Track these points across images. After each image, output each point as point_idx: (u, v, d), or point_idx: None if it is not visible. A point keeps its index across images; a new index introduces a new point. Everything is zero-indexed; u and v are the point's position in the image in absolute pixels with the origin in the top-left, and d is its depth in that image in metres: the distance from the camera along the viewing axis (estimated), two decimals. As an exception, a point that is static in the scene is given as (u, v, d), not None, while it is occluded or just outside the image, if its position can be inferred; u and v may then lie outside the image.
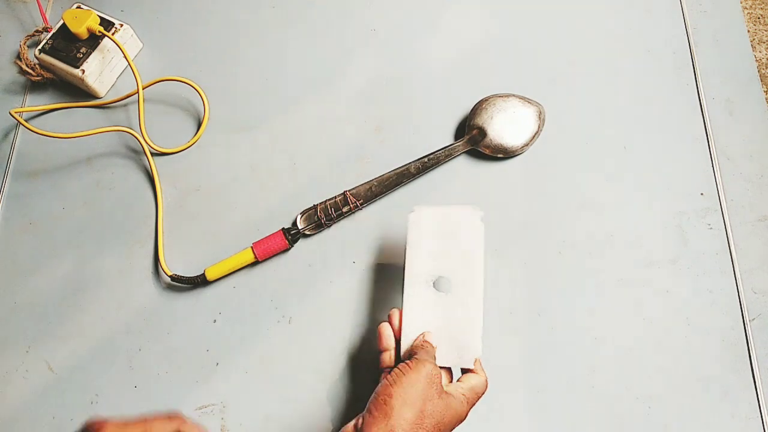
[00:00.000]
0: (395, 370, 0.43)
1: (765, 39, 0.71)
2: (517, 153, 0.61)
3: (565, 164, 0.61)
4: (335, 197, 0.58)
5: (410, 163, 0.59)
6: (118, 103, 0.65)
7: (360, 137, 0.63)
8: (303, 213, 0.58)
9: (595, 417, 0.53)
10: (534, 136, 0.61)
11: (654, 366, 0.54)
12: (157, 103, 0.66)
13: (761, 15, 0.73)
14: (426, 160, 0.59)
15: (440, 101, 0.64)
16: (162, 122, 0.64)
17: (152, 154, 0.63)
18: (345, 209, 0.57)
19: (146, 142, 0.62)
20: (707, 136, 0.62)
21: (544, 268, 0.57)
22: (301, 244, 0.59)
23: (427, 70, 0.66)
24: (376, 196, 0.59)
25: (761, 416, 0.52)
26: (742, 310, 0.55)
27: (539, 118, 0.61)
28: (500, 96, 0.62)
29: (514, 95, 0.62)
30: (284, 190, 0.61)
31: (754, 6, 0.73)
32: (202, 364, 0.56)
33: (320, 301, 0.57)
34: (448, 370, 0.46)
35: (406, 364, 0.43)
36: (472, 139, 0.60)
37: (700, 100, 0.63)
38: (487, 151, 0.60)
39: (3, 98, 0.67)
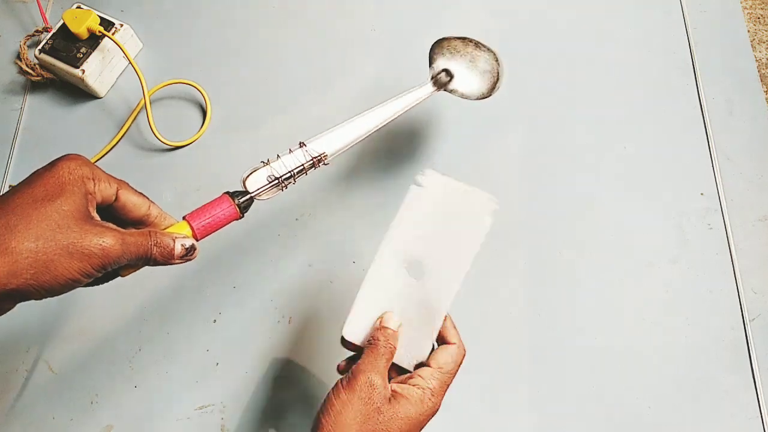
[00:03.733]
0: (328, 393, 0.38)
1: (765, 39, 0.71)
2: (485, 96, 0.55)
3: (565, 164, 0.61)
4: (291, 150, 0.47)
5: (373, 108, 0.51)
6: (122, 106, 0.66)
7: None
8: (251, 173, 0.45)
9: (596, 417, 0.53)
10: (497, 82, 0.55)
11: (654, 366, 0.54)
12: (157, 102, 0.66)
13: (761, 15, 0.73)
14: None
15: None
16: (162, 122, 0.64)
17: (156, 150, 0.63)
18: (307, 164, 0.45)
19: (158, 137, 0.62)
20: (707, 136, 0.62)
21: (544, 268, 0.57)
22: (302, 238, 0.59)
23: (427, 70, 0.66)
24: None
25: (761, 416, 0.52)
26: (742, 310, 0.55)
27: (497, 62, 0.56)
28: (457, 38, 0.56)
29: (470, 39, 0.57)
30: (284, 191, 0.61)
31: (754, 6, 0.73)
32: (202, 364, 0.56)
33: (320, 301, 0.57)
34: (392, 350, 0.41)
35: (339, 383, 0.38)
36: (437, 81, 0.54)
37: (700, 100, 0.63)
38: (456, 94, 0.55)
39: (3, 98, 0.67)
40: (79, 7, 0.63)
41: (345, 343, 0.42)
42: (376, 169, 0.62)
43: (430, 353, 0.41)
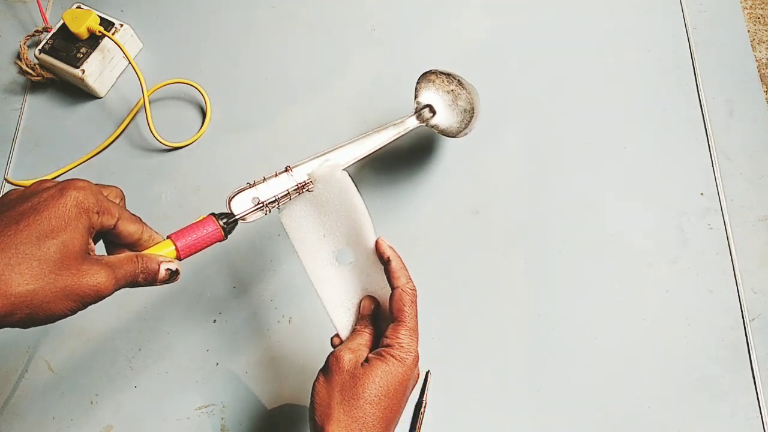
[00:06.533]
0: (313, 384, 0.42)
1: (765, 39, 0.71)
2: (459, 135, 0.57)
3: (565, 164, 0.61)
4: (276, 173, 0.47)
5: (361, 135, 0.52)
6: (122, 105, 0.66)
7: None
8: (236, 193, 0.45)
9: (595, 417, 0.53)
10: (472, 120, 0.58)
11: (654, 366, 0.54)
12: (157, 102, 0.66)
13: (761, 15, 0.73)
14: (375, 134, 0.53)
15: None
16: (162, 122, 0.64)
17: (155, 150, 0.63)
18: (291, 190, 0.46)
19: (157, 137, 0.62)
20: (707, 136, 0.62)
21: (544, 268, 0.57)
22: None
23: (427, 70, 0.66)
24: None
25: (761, 416, 0.52)
26: (742, 310, 0.55)
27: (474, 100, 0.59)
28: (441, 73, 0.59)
29: (453, 74, 0.59)
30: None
31: (754, 6, 0.73)
32: (202, 364, 0.56)
33: (320, 301, 0.57)
34: (371, 331, 0.44)
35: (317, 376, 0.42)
36: (420, 115, 0.57)
37: (700, 100, 0.63)
38: (436, 130, 0.57)
39: (3, 98, 0.67)
40: (79, 7, 0.63)
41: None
42: (376, 172, 0.62)
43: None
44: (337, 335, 0.45)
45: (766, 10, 0.73)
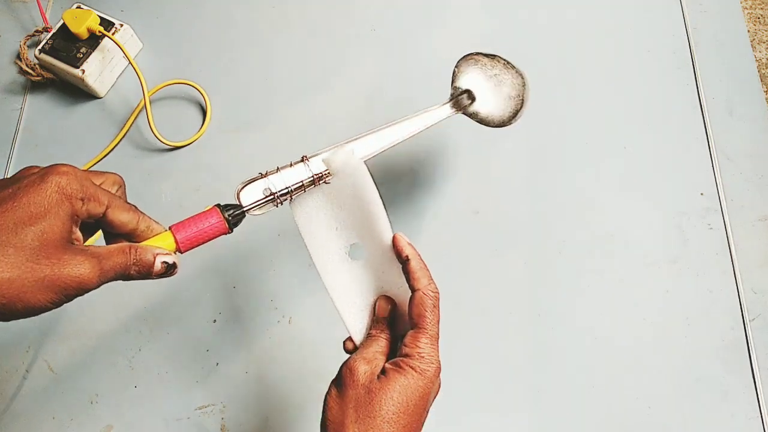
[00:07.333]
0: (325, 397, 0.38)
1: (765, 39, 0.71)
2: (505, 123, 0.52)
3: (565, 164, 0.61)
4: (291, 164, 0.43)
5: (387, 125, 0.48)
6: (122, 105, 0.66)
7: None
8: (246, 184, 0.42)
9: (595, 417, 0.53)
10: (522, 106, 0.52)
11: (654, 366, 0.54)
12: (157, 102, 0.66)
13: (761, 15, 0.73)
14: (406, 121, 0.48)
15: (441, 101, 0.64)
16: (162, 122, 0.64)
17: (155, 150, 0.63)
18: (306, 182, 0.42)
19: (158, 137, 0.62)
20: (707, 136, 0.62)
21: (544, 268, 0.57)
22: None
23: (427, 70, 0.66)
24: None
25: (761, 416, 0.52)
26: (742, 310, 0.55)
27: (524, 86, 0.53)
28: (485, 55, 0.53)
29: (498, 56, 0.53)
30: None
31: (754, 6, 0.73)
32: (202, 364, 0.56)
33: (320, 301, 0.57)
34: (387, 336, 0.41)
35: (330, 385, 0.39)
36: (457, 102, 0.51)
37: (700, 100, 0.63)
38: (475, 119, 0.52)
39: (3, 98, 0.67)
40: (79, 7, 0.63)
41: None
42: (376, 172, 0.61)
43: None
44: (350, 338, 0.42)
45: (766, 10, 0.73)
